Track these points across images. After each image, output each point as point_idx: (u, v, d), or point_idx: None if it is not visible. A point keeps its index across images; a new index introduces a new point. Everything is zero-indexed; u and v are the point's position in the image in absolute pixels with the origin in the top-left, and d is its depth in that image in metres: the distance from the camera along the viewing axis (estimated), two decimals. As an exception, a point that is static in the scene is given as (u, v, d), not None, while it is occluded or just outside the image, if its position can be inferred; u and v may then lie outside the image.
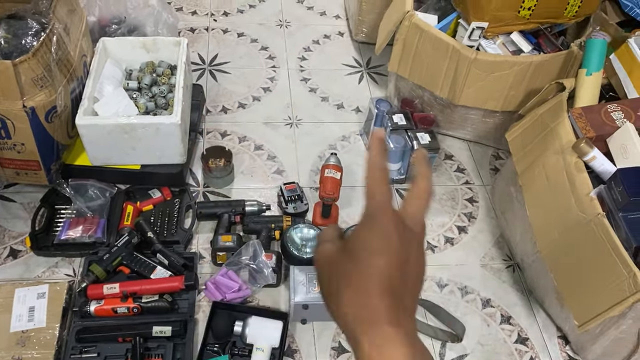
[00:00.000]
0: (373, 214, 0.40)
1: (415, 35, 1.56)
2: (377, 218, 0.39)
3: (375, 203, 0.40)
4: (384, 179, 0.41)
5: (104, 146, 1.41)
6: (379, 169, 0.41)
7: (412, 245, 0.40)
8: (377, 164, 0.41)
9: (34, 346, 1.16)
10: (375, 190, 0.40)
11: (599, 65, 1.37)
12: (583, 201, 1.15)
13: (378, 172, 0.41)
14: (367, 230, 0.39)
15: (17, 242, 1.40)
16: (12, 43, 1.30)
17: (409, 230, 0.40)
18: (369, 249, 0.39)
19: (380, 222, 0.39)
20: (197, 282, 1.31)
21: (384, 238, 0.38)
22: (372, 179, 0.41)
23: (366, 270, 0.38)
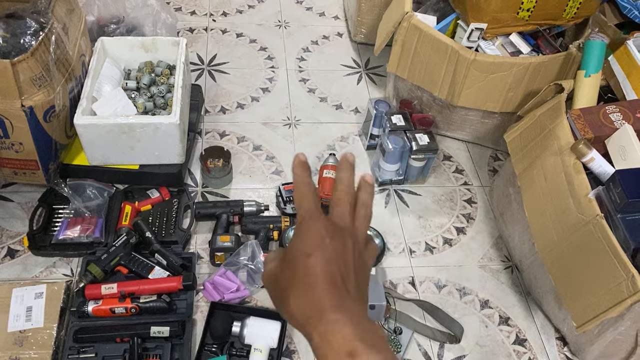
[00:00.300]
0: (302, 222, 0.44)
1: (414, 36, 1.56)
2: (307, 224, 0.44)
3: (303, 212, 0.45)
4: (309, 192, 0.46)
5: (102, 146, 1.41)
6: (303, 185, 0.46)
7: (345, 238, 0.44)
8: (301, 181, 0.46)
9: (31, 346, 1.16)
10: (302, 201, 0.45)
11: (597, 67, 1.37)
12: (581, 202, 1.15)
13: (303, 187, 0.46)
14: (300, 235, 0.43)
15: (14, 241, 1.40)
16: (11, 42, 1.30)
17: (339, 227, 0.44)
18: (304, 252, 0.42)
19: (310, 226, 0.44)
20: (196, 282, 1.31)
21: (316, 238, 0.42)
22: (298, 193, 0.46)
23: (305, 271, 0.41)
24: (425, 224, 1.57)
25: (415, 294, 1.41)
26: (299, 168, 0.47)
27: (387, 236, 1.51)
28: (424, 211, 1.61)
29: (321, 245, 0.42)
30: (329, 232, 0.43)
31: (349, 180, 0.48)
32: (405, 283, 1.43)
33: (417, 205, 1.62)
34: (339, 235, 0.43)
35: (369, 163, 1.71)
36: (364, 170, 1.67)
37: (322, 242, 0.42)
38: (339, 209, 0.46)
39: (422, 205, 1.62)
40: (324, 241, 0.42)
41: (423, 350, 1.31)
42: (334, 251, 0.42)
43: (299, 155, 0.47)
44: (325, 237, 0.42)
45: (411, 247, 1.51)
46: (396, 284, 1.42)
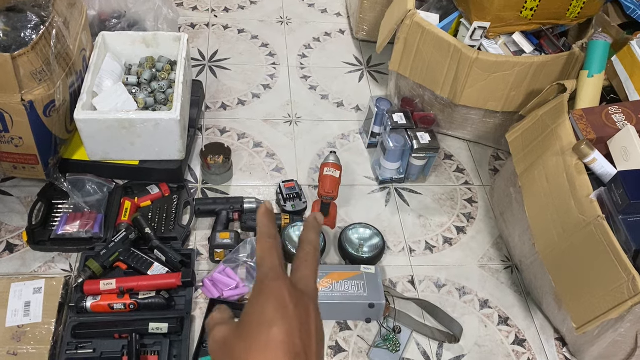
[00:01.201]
0: (264, 282, 0.39)
1: (417, 34, 1.55)
2: (269, 286, 0.39)
3: (265, 270, 0.40)
4: (273, 247, 0.42)
5: (102, 141, 1.40)
6: (267, 237, 0.42)
7: (308, 308, 0.39)
8: (265, 232, 0.43)
9: (29, 341, 1.16)
10: (265, 258, 0.41)
11: (600, 67, 1.37)
12: (583, 203, 1.15)
13: (267, 239, 0.42)
14: (260, 300, 0.38)
15: (13, 236, 1.39)
16: (11, 36, 1.29)
17: (301, 293, 0.40)
18: (265, 321, 0.37)
19: (272, 289, 0.39)
20: (195, 279, 1.31)
21: (278, 306, 0.38)
22: (261, 248, 0.42)
23: (266, 344, 0.36)
24: (425, 223, 1.57)
25: (414, 293, 1.41)
26: (265, 217, 0.43)
27: (387, 235, 1.51)
28: (425, 210, 1.60)
29: (285, 314, 0.37)
30: (293, 298, 0.38)
31: (317, 242, 0.45)
32: (405, 282, 1.43)
33: (417, 204, 1.61)
34: (302, 302, 0.39)
35: (370, 162, 1.71)
36: (365, 169, 1.68)
37: (286, 311, 0.37)
38: (305, 272, 0.43)
39: (422, 204, 1.62)
40: (287, 310, 0.37)
41: (422, 350, 1.30)
42: (298, 320, 0.37)
43: (265, 203, 0.45)
44: (289, 304, 0.38)
45: (411, 246, 1.51)
46: (396, 283, 1.42)
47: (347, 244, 1.41)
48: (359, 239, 1.43)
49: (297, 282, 0.41)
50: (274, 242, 0.42)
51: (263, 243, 0.42)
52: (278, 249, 0.42)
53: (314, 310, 0.40)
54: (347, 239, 1.42)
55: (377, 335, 1.31)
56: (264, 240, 0.42)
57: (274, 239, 0.43)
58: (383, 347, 1.28)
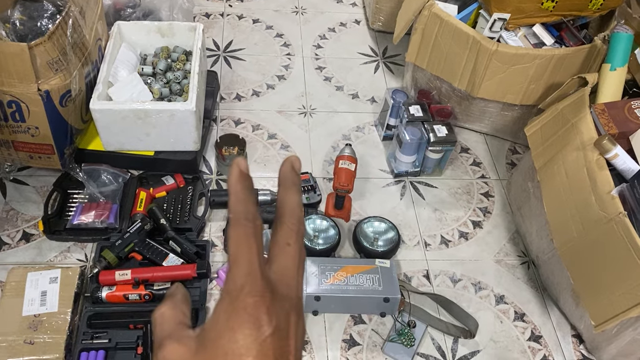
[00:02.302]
0: (238, 298, 0.29)
1: (435, 25, 1.53)
2: (243, 304, 0.29)
3: (239, 279, 0.29)
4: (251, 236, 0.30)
5: (117, 131, 1.40)
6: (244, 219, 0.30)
7: (289, 322, 0.30)
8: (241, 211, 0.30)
9: (45, 330, 1.16)
10: (240, 256, 0.30)
11: (623, 60, 1.34)
12: (604, 199, 1.13)
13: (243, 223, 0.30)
14: (231, 323, 0.29)
15: (29, 225, 1.40)
16: (28, 25, 1.29)
17: (280, 302, 0.30)
18: (236, 353, 0.28)
19: (246, 309, 0.29)
20: (209, 270, 1.31)
21: (253, 332, 0.28)
22: (235, 238, 0.30)
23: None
24: (441, 216, 1.55)
25: (429, 288, 1.40)
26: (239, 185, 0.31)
27: (402, 228, 1.50)
28: (440, 204, 1.59)
29: (261, 343, 0.28)
30: (272, 318, 0.29)
31: (300, 209, 0.33)
32: (420, 276, 1.42)
33: (433, 198, 1.60)
34: (282, 318, 0.30)
35: (385, 154, 1.69)
36: (380, 162, 1.67)
37: (263, 340, 0.28)
38: (285, 262, 0.32)
39: (438, 197, 1.60)
40: (264, 338, 0.29)
41: (437, 345, 1.29)
42: (275, 347, 0.29)
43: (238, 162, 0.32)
44: (266, 330, 0.29)
45: (426, 240, 1.49)
46: (410, 277, 1.41)
47: (362, 238, 1.40)
48: (373, 232, 1.42)
49: (275, 278, 0.31)
50: (252, 227, 0.30)
51: (238, 229, 0.30)
52: (258, 239, 0.30)
53: (294, 323, 0.31)
54: (362, 232, 1.41)
55: (391, 329, 1.30)
56: (239, 225, 0.30)
57: (253, 222, 0.30)
58: (397, 341, 1.27)
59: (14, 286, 1.22)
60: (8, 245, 1.36)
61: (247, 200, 0.31)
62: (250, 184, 0.31)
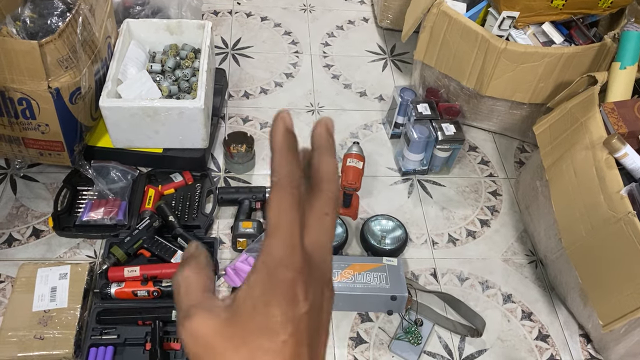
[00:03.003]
0: (276, 271, 0.27)
1: (444, 23, 1.53)
2: (281, 279, 0.27)
3: (279, 251, 0.27)
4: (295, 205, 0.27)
5: (126, 129, 1.41)
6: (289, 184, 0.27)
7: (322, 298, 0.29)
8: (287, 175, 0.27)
9: (55, 326, 1.17)
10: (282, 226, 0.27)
11: (633, 59, 1.33)
12: (613, 199, 1.12)
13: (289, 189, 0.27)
14: (267, 297, 0.27)
15: (39, 221, 1.41)
16: (38, 23, 1.30)
17: (318, 275, 0.29)
18: (270, 329, 0.27)
19: (284, 284, 0.27)
20: (217, 267, 1.31)
21: (289, 306, 0.27)
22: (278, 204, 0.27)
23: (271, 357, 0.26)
24: (448, 215, 1.55)
25: (437, 286, 1.40)
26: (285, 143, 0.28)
27: (410, 227, 1.50)
28: (448, 202, 1.58)
29: (296, 321, 0.27)
30: (309, 295, 0.27)
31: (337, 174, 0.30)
32: (427, 274, 1.42)
33: (440, 196, 1.59)
34: (318, 297, 0.29)
35: (393, 152, 1.69)
36: (388, 160, 1.67)
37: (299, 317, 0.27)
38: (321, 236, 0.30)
39: (445, 196, 1.60)
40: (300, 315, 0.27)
41: (444, 343, 1.30)
42: (310, 325, 0.28)
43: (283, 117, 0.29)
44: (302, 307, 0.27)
45: (434, 239, 1.49)
46: (418, 275, 1.41)
47: (369, 236, 1.40)
48: (381, 230, 1.42)
49: (312, 251, 0.28)
50: (297, 196, 0.27)
51: (283, 194, 0.27)
52: (302, 207, 0.28)
53: (327, 299, 0.30)
54: (370, 230, 1.42)
55: (398, 327, 1.30)
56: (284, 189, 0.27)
57: (298, 187, 0.27)
58: (404, 339, 1.27)
59: (24, 282, 1.23)
60: (18, 241, 1.37)
61: (293, 162, 0.28)
62: (296, 144, 0.28)
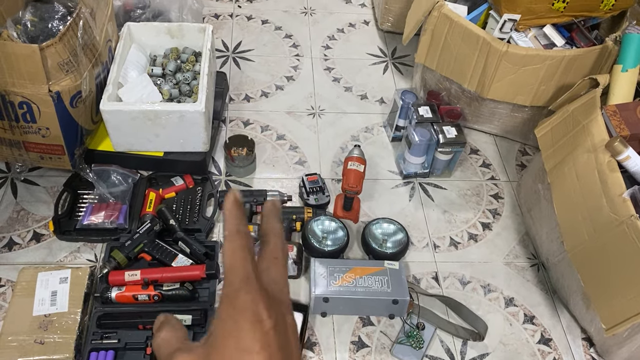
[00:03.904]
0: (237, 297, 0.32)
1: (445, 26, 1.52)
2: (242, 302, 0.32)
3: (236, 282, 0.33)
4: (245, 247, 0.34)
5: (127, 132, 1.41)
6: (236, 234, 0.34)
7: (286, 322, 0.34)
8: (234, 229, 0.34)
9: (55, 330, 1.17)
10: (236, 264, 0.33)
11: (635, 61, 1.33)
12: (615, 202, 1.12)
13: (236, 238, 0.34)
14: (232, 323, 0.32)
15: (40, 225, 1.41)
16: (39, 27, 1.30)
17: (277, 304, 0.34)
18: (243, 349, 0.31)
19: (246, 307, 0.32)
20: (219, 271, 1.31)
21: (255, 329, 0.31)
22: (231, 250, 0.34)
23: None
24: (450, 218, 1.55)
25: (438, 290, 1.39)
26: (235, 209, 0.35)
27: (411, 230, 1.49)
28: (449, 205, 1.58)
29: (264, 338, 0.31)
30: (272, 314, 0.32)
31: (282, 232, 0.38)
32: (429, 278, 1.41)
33: (442, 200, 1.59)
34: (280, 316, 0.33)
35: (394, 155, 1.69)
36: (389, 163, 1.66)
37: (265, 335, 0.31)
38: (276, 273, 0.36)
39: (447, 199, 1.59)
40: (266, 333, 0.32)
41: (446, 347, 1.29)
42: (278, 342, 0.32)
43: (233, 192, 0.36)
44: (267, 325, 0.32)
45: (435, 242, 1.49)
46: (419, 279, 1.41)
47: (371, 239, 1.40)
48: (382, 234, 1.42)
49: (268, 287, 0.34)
50: (245, 241, 0.34)
51: (233, 243, 0.34)
52: (251, 249, 0.34)
53: (291, 323, 0.35)
54: (371, 234, 1.41)
55: (400, 331, 1.29)
56: (234, 239, 0.34)
57: (245, 237, 0.34)
58: (406, 343, 1.27)
59: (25, 286, 1.23)
60: (19, 245, 1.37)
61: (240, 219, 0.35)
62: (242, 211, 0.35)
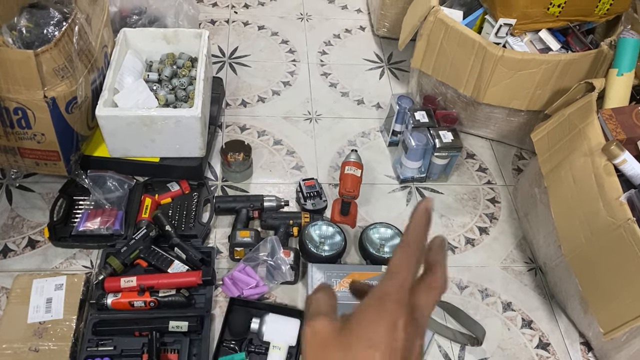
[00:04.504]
0: (386, 300, 0.35)
1: (440, 31, 1.53)
2: (389, 306, 0.34)
3: (392, 286, 0.35)
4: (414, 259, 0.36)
5: (123, 138, 1.40)
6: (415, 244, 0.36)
7: (415, 342, 0.35)
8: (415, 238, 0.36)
9: (50, 338, 1.16)
10: (401, 271, 0.35)
11: (631, 65, 1.33)
12: (612, 206, 1.12)
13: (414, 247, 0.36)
14: (374, 317, 0.34)
15: (35, 232, 1.40)
16: (34, 32, 1.30)
17: (415, 323, 0.35)
18: (371, 342, 0.34)
19: (391, 312, 0.34)
20: (215, 277, 1.30)
21: (389, 332, 0.34)
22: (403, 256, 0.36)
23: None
24: (447, 223, 1.55)
25: (436, 295, 1.38)
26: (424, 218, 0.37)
27: (408, 235, 1.49)
28: (446, 210, 1.58)
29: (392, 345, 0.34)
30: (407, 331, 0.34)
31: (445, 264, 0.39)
32: (426, 283, 1.40)
33: (439, 204, 1.59)
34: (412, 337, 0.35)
35: (391, 160, 1.69)
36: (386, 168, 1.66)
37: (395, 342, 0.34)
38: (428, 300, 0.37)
39: (444, 204, 1.59)
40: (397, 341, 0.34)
41: (444, 352, 1.28)
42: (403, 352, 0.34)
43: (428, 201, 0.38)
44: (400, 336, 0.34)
45: (432, 247, 1.48)
46: (417, 284, 1.40)
47: (368, 244, 1.39)
48: (380, 238, 1.42)
49: (414, 307, 0.36)
50: (418, 255, 0.36)
51: (408, 250, 0.36)
52: (417, 266, 0.36)
53: (418, 349, 0.36)
54: (368, 238, 1.41)
55: (398, 336, 1.29)
56: (409, 247, 0.36)
57: (420, 252, 0.36)
58: (404, 349, 1.26)
59: (20, 293, 1.22)
60: (14, 252, 1.36)
61: (424, 233, 0.37)
62: (430, 221, 0.37)
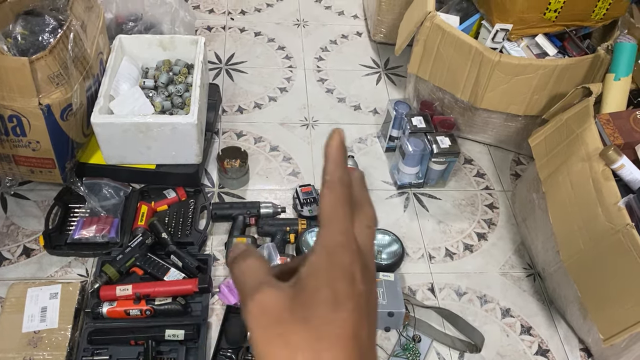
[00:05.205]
0: (335, 252, 0.29)
1: (437, 37, 1.52)
2: (341, 256, 0.29)
3: (335, 236, 0.29)
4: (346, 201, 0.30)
5: (119, 145, 1.39)
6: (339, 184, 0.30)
7: (372, 289, 0.31)
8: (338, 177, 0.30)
9: (45, 347, 1.15)
10: (336, 216, 0.30)
11: (628, 70, 1.33)
12: (610, 211, 1.11)
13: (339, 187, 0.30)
14: (328, 273, 0.29)
15: (30, 240, 1.39)
16: (29, 40, 1.29)
17: (367, 269, 0.31)
18: (331, 302, 0.28)
19: (344, 261, 0.29)
20: (211, 284, 1.29)
21: (349, 284, 0.29)
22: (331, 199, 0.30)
23: (336, 338, 0.27)
24: (445, 229, 1.54)
25: (434, 301, 1.38)
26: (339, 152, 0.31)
27: (406, 241, 1.48)
28: (444, 216, 1.57)
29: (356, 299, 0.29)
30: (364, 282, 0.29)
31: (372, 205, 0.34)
32: (425, 289, 1.40)
33: (437, 210, 1.58)
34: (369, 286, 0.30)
35: (388, 166, 1.68)
36: (383, 174, 1.65)
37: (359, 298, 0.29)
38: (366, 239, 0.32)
39: (442, 209, 1.59)
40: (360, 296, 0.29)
41: (442, 359, 1.27)
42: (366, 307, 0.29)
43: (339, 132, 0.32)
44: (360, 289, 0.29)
45: (430, 253, 1.48)
46: (415, 291, 1.39)
47: (366, 250, 1.38)
48: (377, 245, 1.41)
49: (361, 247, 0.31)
50: (347, 194, 0.30)
51: (334, 192, 0.30)
52: (350, 206, 0.31)
53: (375, 295, 0.32)
54: (366, 245, 1.40)
55: (396, 344, 1.28)
56: (335, 188, 0.30)
57: (347, 189, 0.30)
58: (402, 356, 1.25)
59: (14, 302, 1.21)
60: (8, 260, 1.35)
61: (344, 165, 0.31)
62: (346, 154, 0.32)
